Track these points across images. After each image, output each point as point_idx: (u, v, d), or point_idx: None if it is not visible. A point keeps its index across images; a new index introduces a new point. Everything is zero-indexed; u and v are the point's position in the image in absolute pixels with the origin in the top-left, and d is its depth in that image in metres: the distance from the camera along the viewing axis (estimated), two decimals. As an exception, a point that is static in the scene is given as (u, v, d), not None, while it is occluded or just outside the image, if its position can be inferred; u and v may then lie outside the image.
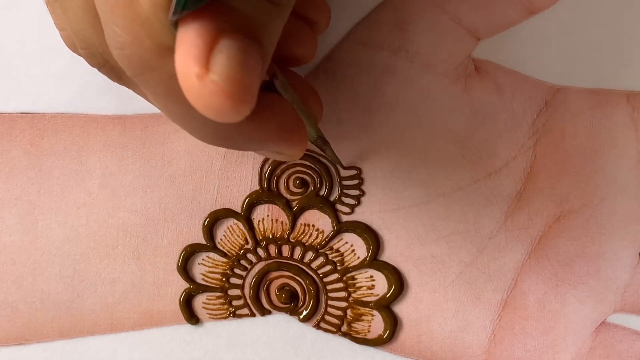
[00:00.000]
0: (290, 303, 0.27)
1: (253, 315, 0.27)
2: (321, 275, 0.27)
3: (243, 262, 0.27)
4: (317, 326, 0.27)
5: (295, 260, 0.27)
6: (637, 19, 0.27)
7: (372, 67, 0.26)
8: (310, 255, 0.27)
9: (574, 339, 0.27)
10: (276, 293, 0.27)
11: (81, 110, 0.27)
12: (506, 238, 0.27)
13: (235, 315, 0.27)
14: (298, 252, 0.27)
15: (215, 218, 0.27)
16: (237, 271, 0.27)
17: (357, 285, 0.27)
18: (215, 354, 0.27)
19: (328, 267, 0.27)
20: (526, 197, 0.27)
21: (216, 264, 0.27)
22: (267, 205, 0.27)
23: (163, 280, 0.27)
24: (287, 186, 0.27)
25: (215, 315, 0.27)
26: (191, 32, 0.15)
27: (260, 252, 0.27)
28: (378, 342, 0.27)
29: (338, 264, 0.27)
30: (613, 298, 0.27)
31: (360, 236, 0.27)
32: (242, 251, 0.27)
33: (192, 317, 0.27)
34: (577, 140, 0.27)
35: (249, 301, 0.27)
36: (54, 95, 0.27)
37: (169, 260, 0.27)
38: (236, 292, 0.27)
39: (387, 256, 0.27)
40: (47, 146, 0.27)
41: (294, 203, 0.27)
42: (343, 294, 0.27)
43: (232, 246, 0.27)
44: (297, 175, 0.27)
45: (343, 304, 0.27)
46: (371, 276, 0.27)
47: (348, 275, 0.27)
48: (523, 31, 0.26)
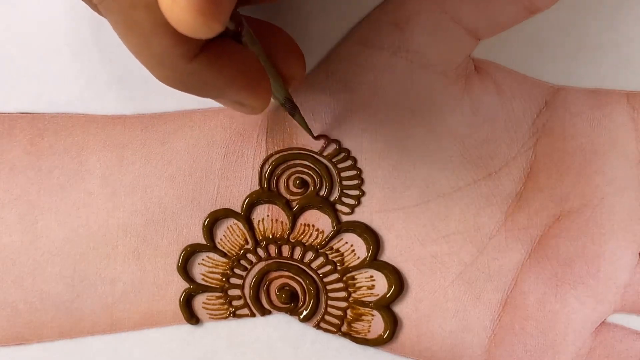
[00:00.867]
0: (290, 303, 0.27)
1: (253, 315, 0.27)
2: (321, 275, 0.27)
3: (243, 262, 0.27)
4: (317, 326, 0.27)
5: (295, 260, 0.27)
6: (637, 19, 0.27)
7: (372, 67, 0.26)
8: (310, 255, 0.27)
9: (574, 339, 0.27)
10: (276, 293, 0.27)
11: (81, 110, 0.27)
12: (506, 238, 0.27)
13: (235, 315, 0.27)
14: (298, 252, 0.27)
15: (215, 218, 0.27)
16: (237, 271, 0.27)
17: (357, 285, 0.27)
18: (215, 354, 0.27)
19: (328, 267, 0.27)
20: (526, 197, 0.27)
21: (216, 264, 0.27)
22: (267, 205, 0.27)
23: (163, 280, 0.27)
24: (287, 186, 0.27)
25: (215, 315, 0.27)
26: None
27: (260, 252, 0.27)
28: (378, 342, 0.27)
29: (338, 264, 0.27)
30: (613, 298, 0.27)
31: (360, 236, 0.27)
32: (242, 251, 0.27)
33: (192, 317, 0.27)
34: (577, 140, 0.27)
35: (249, 301, 0.27)
36: (54, 95, 0.27)
37: (169, 260, 0.27)
38: (236, 292, 0.27)
39: (387, 256, 0.27)
40: (47, 146, 0.27)
41: (294, 203, 0.27)
42: (343, 294, 0.27)
43: (232, 246, 0.27)
44: (297, 175, 0.27)
45: (343, 304, 0.27)
46: (371, 276, 0.27)
47: (348, 275, 0.27)
48: (523, 31, 0.26)
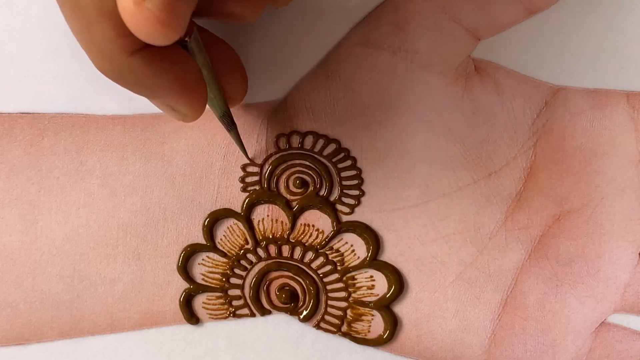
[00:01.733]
0: (290, 303, 0.27)
1: (253, 315, 0.27)
2: (321, 275, 0.27)
3: (243, 262, 0.27)
4: (317, 326, 0.27)
5: (295, 260, 0.27)
6: (637, 19, 0.27)
7: (372, 67, 0.26)
8: (310, 255, 0.27)
9: (574, 339, 0.27)
10: (276, 293, 0.27)
11: (81, 110, 0.27)
12: (506, 238, 0.27)
13: (235, 315, 0.27)
14: (298, 252, 0.27)
15: (215, 218, 0.27)
16: (237, 271, 0.27)
17: (357, 285, 0.27)
18: (215, 354, 0.27)
19: (328, 267, 0.27)
20: (526, 197, 0.27)
21: (216, 264, 0.27)
22: (267, 205, 0.27)
23: (163, 280, 0.27)
24: (287, 186, 0.27)
25: (215, 315, 0.27)
26: None
27: (260, 252, 0.27)
28: (378, 342, 0.27)
29: (338, 264, 0.27)
30: (613, 298, 0.27)
31: (360, 236, 0.27)
32: (242, 251, 0.27)
33: (192, 317, 0.27)
34: (577, 140, 0.27)
35: (249, 301, 0.27)
36: (54, 95, 0.27)
37: (169, 260, 0.27)
38: (236, 292, 0.27)
39: (387, 256, 0.27)
40: (47, 146, 0.27)
41: (294, 203, 0.27)
42: (343, 294, 0.27)
43: (232, 246, 0.27)
44: (297, 175, 0.27)
45: (343, 304, 0.27)
46: (371, 276, 0.27)
47: (348, 275, 0.27)
48: (523, 31, 0.26)
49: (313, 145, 0.27)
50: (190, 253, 0.27)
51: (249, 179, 0.27)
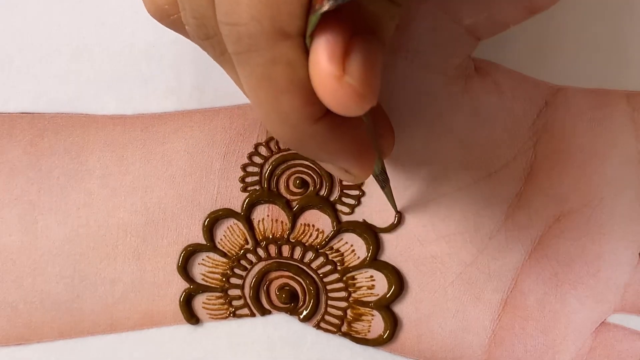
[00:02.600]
0: (290, 303, 0.27)
1: (253, 315, 0.27)
2: (321, 275, 0.27)
3: (243, 262, 0.27)
4: (317, 326, 0.27)
5: (295, 260, 0.27)
6: (637, 19, 0.27)
7: (373, 67, 0.26)
8: (310, 255, 0.27)
9: (574, 339, 0.27)
10: (276, 293, 0.27)
11: (81, 110, 0.27)
12: (506, 238, 0.27)
13: (235, 315, 0.27)
14: (298, 252, 0.27)
15: (215, 218, 0.27)
16: (237, 271, 0.27)
17: (357, 285, 0.27)
18: (215, 354, 0.27)
19: (328, 267, 0.27)
20: (526, 197, 0.27)
21: (216, 264, 0.27)
22: (267, 205, 0.27)
23: (163, 280, 0.27)
24: (287, 186, 0.27)
25: (215, 315, 0.27)
26: (331, 32, 0.16)
27: (260, 252, 0.27)
28: (378, 342, 0.27)
29: (338, 264, 0.27)
30: (613, 298, 0.27)
31: (360, 236, 0.27)
32: (242, 251, 0.27)
33: (192, 317, 0.27)
34: (577, 140, 0.27)
35: (249, 301, 0.27)
36: (54, 95, 0.27)
37: (169, 260, 0.27)
38: (236, 292, 0.27)
39: (387, 256, 0.27)
40: (47, 146, 0.27)
41: (294, 203, 0.27)
42: (343, 294, 0.27)
43: (232, 246, 0.27)
44: (297, 175, 0.27)
45: (343, 304, 0.27)
46: (371, 276, 0.27)
47: (348, 275, 0.27)
48: (523, 31, 0.26)
49: (313, 145, 0.27)
50: (190, 253, 0.27)
51: (249, 179, 0.27)
